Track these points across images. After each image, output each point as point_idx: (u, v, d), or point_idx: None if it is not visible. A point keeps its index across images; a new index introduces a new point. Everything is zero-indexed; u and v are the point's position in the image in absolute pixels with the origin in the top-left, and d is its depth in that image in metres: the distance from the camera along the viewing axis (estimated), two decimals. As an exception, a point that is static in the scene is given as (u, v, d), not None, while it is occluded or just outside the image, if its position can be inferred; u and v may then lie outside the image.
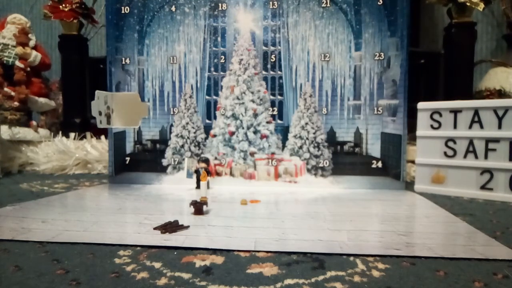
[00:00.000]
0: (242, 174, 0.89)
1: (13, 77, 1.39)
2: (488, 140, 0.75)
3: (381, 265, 0.38)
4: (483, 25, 1.57)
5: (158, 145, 0.92)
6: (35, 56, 1.46)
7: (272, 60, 0.89)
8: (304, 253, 0.41)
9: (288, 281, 0.34)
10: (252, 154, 0.89)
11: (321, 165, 0.87)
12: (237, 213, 0.61)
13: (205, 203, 0.60)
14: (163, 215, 0.60)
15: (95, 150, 1.15)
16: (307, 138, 0.87)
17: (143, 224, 0.53)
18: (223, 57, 0.90)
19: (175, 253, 0.41)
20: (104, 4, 1.13)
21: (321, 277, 0.35)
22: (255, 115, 0.89)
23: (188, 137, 0.91)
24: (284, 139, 0.89)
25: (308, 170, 0.88)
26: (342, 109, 0.87)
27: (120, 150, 0.93)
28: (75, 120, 1.36)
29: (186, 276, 0.35)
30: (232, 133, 0.89)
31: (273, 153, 0.89)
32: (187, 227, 0.51)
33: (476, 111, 0.77)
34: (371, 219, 0.59)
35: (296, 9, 0.87)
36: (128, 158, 0.93)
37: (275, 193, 0.80)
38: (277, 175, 0.88)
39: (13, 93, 1.34)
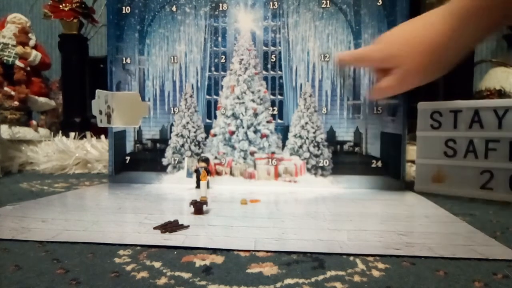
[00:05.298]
0: (242, 174, 0.89)
1: (13, 77, 1.39)
2: (488, 140, 0.75)
3: (381, 265, 0.38)
4: (483, 25, 1.56)
5: (158, 145, 0.92)
6: (35, 56, 1.46)
7: (272, 60, 0.89)
8: (304, 253, 0.41)
9: (288, 281, 0.34)
10: (252, 153, 0.89)
11: (321, 164, 0.87)
12: (237, 212, 0.61)
13: (205, 202, 0.60)
14: (163, 214, 0.60)
15: (95, 149, 1.15)
16: (307, 138, 0.87)
17: (143, 223, 0.53)
18: (223, 57, 0.90)
19: (175, 252, 0.41)
20: (105, 3, 1.13)
21: (321, 277, 0.35)
22: (255, 115, 0.89)
23: (188, 137, 0.91)
24: (284, 138, 0.89)
25: (308, 170, 0.88)
26: (341, 109, 0.87)
27: (120, 150, 0.93)
28: (75, 119, 1.36)
29: (186, 275, 0.35)
30: (232, 133, 0.89)
31: (273, 153, 0.89)
32: (187, 226, 0.51)
33: (476, 111, 0.77)
34: (371, 219, 0.59)
35: (296, 10, 0.87)
36: (128, 158, 0.93)
37: (275, 192, 0.81)
38: (277, 175, 0.88)
39: (13, 93, 1.34)
